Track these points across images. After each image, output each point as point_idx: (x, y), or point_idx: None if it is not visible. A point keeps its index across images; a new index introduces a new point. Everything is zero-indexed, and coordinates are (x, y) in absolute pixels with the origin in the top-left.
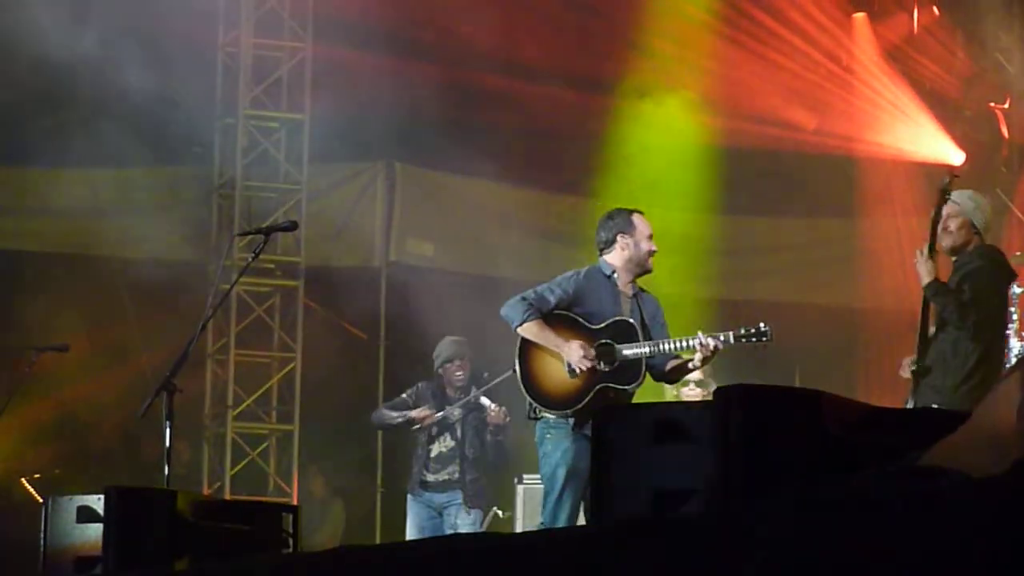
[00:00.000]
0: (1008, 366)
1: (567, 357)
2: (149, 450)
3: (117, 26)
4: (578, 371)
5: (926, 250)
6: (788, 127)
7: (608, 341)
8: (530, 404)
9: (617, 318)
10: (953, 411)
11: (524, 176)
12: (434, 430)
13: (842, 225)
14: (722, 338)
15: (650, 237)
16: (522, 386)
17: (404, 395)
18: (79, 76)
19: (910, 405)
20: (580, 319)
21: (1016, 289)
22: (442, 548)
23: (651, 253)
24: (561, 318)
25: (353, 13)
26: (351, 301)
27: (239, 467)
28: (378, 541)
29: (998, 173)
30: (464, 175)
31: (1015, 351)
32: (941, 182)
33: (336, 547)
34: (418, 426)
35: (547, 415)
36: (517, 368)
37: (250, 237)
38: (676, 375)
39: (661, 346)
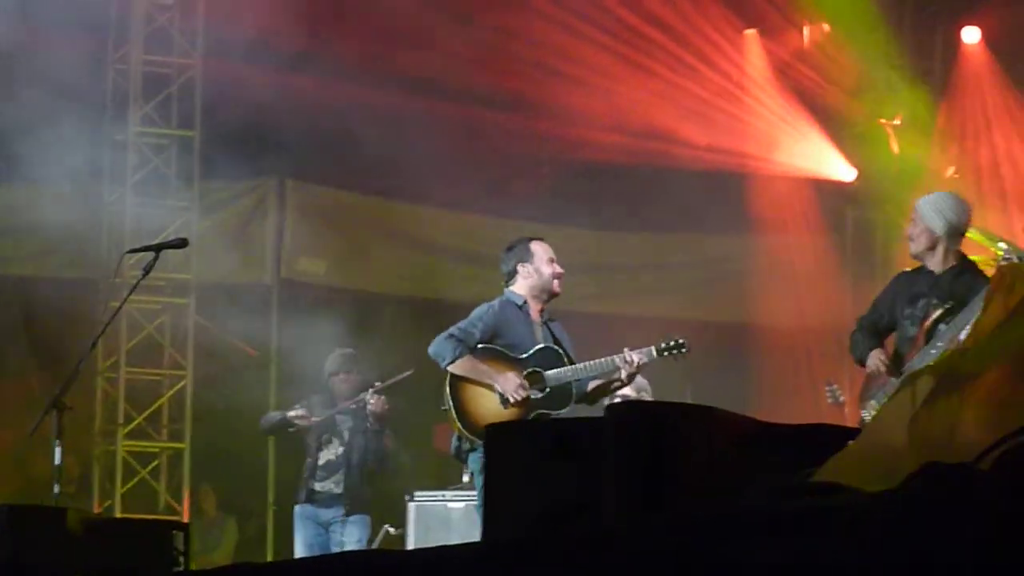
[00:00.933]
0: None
1: (502, 388)
2: (38, 468)
3: (4, 40)
4: (512, 400)
5: None
6: (679, 143)
7: (537, 368)
8: (459, 442)
9: (541, 346)
10: (844, 427)
11: (414, 193)
12: (324, 437)
13: (734, 242)
14: (644, 353)
15: (551, 260)
16: (457, 422)
17: (297, 405)
18: None
19: None
20: (504, 350)
21: None
22: (337, 565)
23: (556, 275)
24: (487, 351)
25: (243, 30)
26: (242, 318)
27: (129, 485)
28: (270, 558)
29: (888, 190)
30: (355, 192)
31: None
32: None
33: (228, 565)
34: (299, 423)
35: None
36: (450, 404)
37: (140, 254)
38: (600, 394)
39: (587, 367)
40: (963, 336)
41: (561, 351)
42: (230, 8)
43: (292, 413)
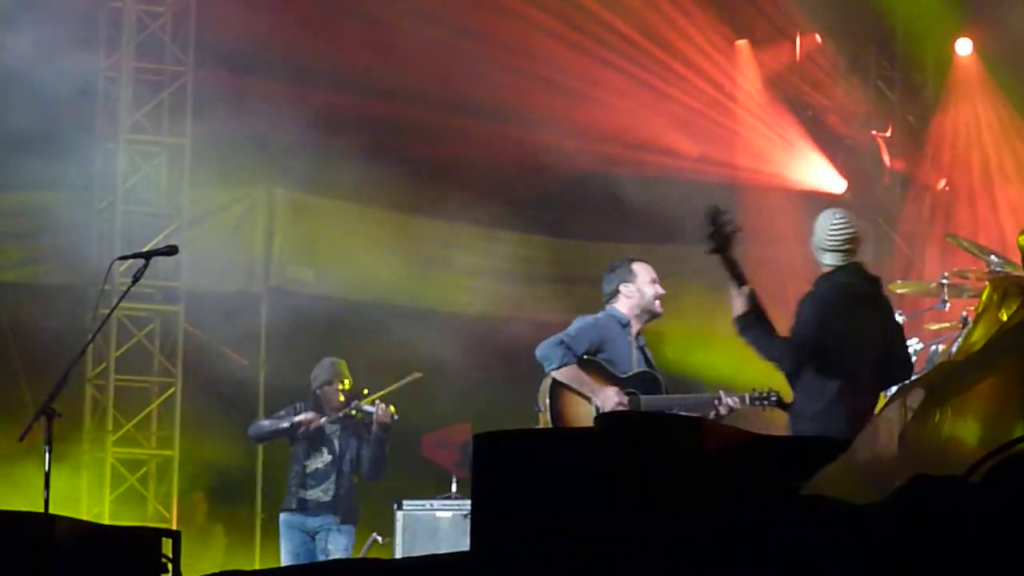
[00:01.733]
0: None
1: (601, 402)
2: (27, 475)
3: None
4: None
5: (733, 286)
6: (670, 155)
7: (634, 391)
8: None
9: (642, 370)
10: (834, 439)
11: (404, 202)
12: (312, 445)
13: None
14: (737, 398)
15: (653, 281)
16: (550, 426)
17: (282, 412)
18: None
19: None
20: (605, 365)
21: (898, 317)
22: (328, 573)
23: (658, 296)
24: (590, 363)
25: (235, 38)
26: (231, 326)
27: (118, 492)
28: (257, 566)
29: (880, 201)
30: (344, 201)
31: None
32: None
33: (216, 573)
34: (301, 429)
35: None
36: (547, 407)
37: (130, 262)
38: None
39: (683, 400)
40: (954, 349)
41: (658, 377)
42: (222, 16)
43: (300, 417)
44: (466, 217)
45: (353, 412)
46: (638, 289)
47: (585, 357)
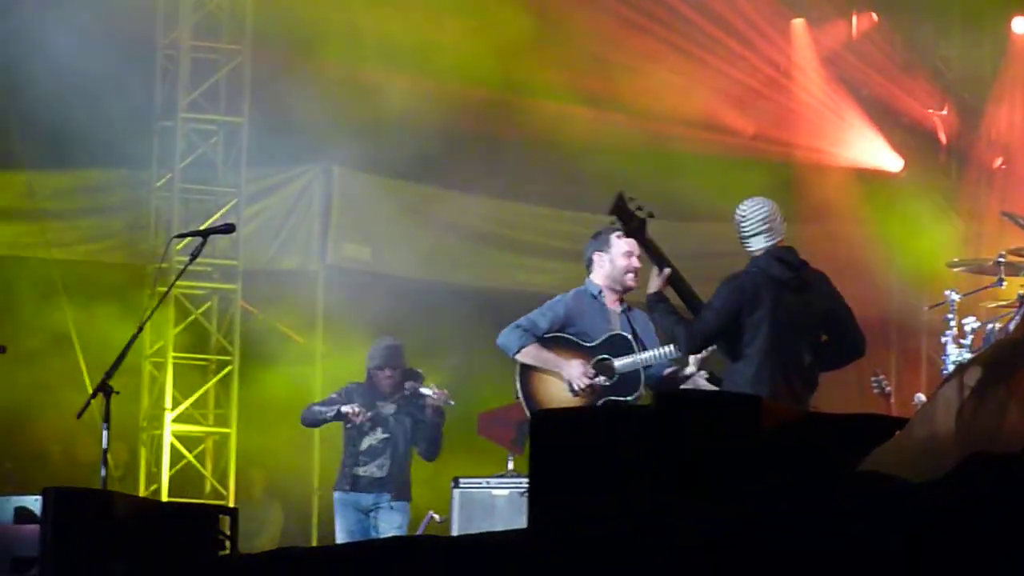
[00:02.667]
0: (946, 372)
1: (568, 375)
2: (86, 452)
3: (55, 26)
4: (578, 388)
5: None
6: (727, 132)
7: (605, 356)
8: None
9: (611, 333)
10: (890, 417)
11: (461, 181)
12: (366, 426)
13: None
14: (695, 366)
15: (629, 254)
16: (527, 410)
17: (334, 394)
18: (18, 77)
19: None
20: (573, 339)
21: (955, 295)
22: (383, 550)
23: (630, 269)
24: (555, 340)
25: (291, 17)
26: (288, 304)
27: (176, 469)
28: (314, 543)
29: (936, 180)
30: (401, 179)
31: (952, 358)
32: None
33: (274, 549)
34: (350, 424)
35: None
36: (520, 395)
37: (188, 240)
38: (673, 382)
39: (654, 356)
40: (1011, 327)
41: (631, 339)
42: None
43: (346, 409)
44: (522, 195)
45: (407, 394)
46: (610, 260)
47: (550, 335)
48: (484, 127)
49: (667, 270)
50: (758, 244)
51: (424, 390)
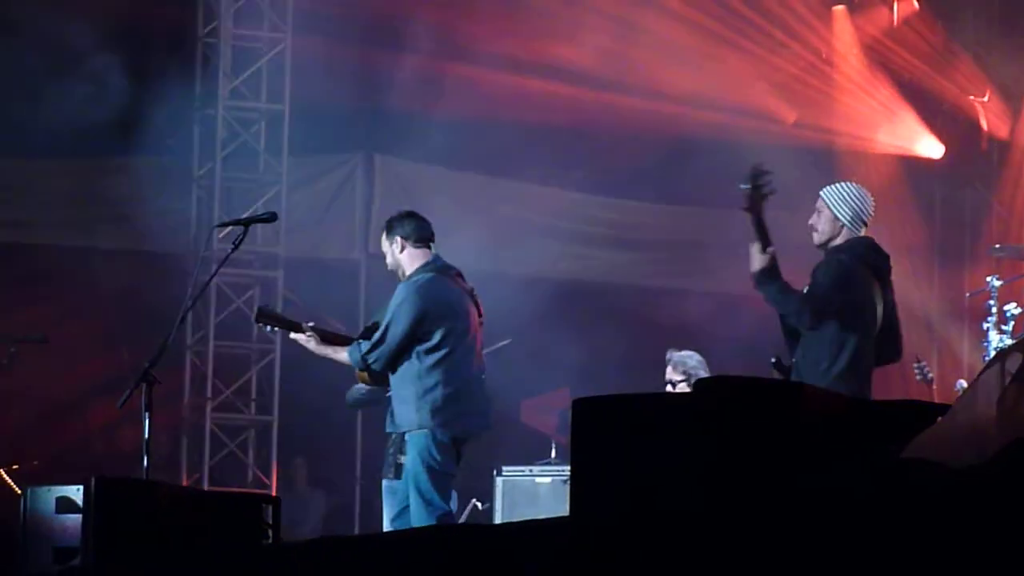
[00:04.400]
0: (988, 359)
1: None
2: (127, 442)
3: (95, 14)
4: None
5: (757, 245)
6: (768, 119)
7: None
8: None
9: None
10: (933, 403)
11: (502, 168)
12: None
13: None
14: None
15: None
16: None
17: None
18: (55, 65)
19: None
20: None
21: (996, 282)
22: (425, 538)
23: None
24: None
25: (333, 4)
26: (331, 292)
27: (218, 458)
28: (357, 532)
29: (977, 166)
30: (443, 167)
31: (994, 344)
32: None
33: (316, 538)
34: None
35: None
36: None
37: (229, 228)
38: None
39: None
40: None
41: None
42: None
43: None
44: (565, 183)
45: None
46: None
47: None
48: (525, 115)
49: (771, 249)
50: (852, 231)
51: None
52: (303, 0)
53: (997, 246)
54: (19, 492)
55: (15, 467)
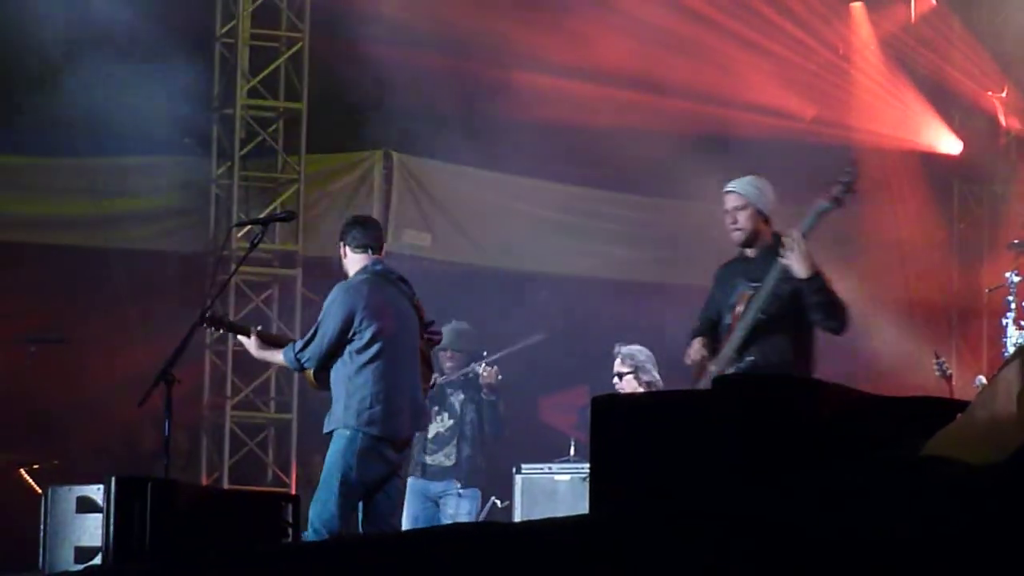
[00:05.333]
0: (1007, 355)
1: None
2: (147, 441)
3: (114, 15)
4: None
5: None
6: (785, 116)
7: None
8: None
9: None
10: (951, 400)
11: (521, 166)
12: (433, 410)
13: (839, 215)
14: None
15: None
16: None
17: None
18: (74, 65)
19: None
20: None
21: (1015, 277)
22: (445, 537)
23: None
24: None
25: (350, 3)
26: None
27: (237, 457)
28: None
29: (995, 162)
30: (461, 165)
31: (1013, 340)
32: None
33: (336, 537)
34: None
35: None
36: None
37: (248, 227)
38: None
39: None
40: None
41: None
42: None
43: None
44: (581, 180)
45: (469, 376)
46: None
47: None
48: (544, 113)
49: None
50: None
51: (476, 368)
52: None
53: (1016, 241)
54: (40, 492)
55: (36, 467)
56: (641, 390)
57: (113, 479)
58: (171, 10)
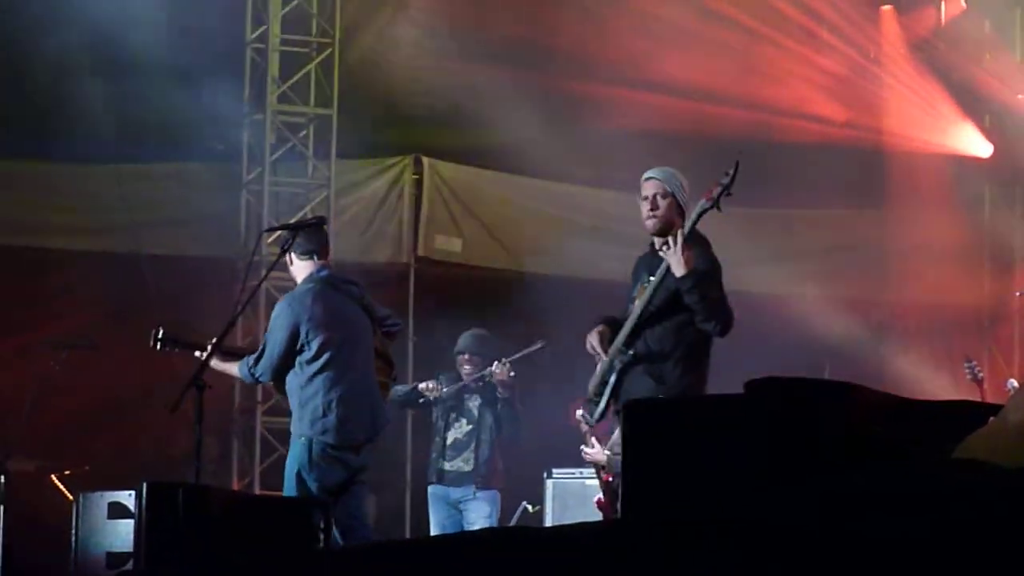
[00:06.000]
0: None
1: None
2: (178, 446)
3: (144, 20)
4: None
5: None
6: (817, 120)
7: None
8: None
9: None
10: (984, 403)
11: (552, 170)
12: (451, 416)
13: (870, 218)
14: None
15: None
16: None
17: (421, 384)
18: (108, 69)
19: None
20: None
21: None
22: (473, 542)
23: None
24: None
25: (380, 7)
26: (379, 297)
27: (268, 462)
28: (407, 535)
29: None
30: (492, 169)
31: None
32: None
33: (367, 543)
34: (428, 394)
35: None
36: None
37: (278, 233)
38: None
39: None
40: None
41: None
42: None
43: (422, 385)
44: (613, 183)
45: (487, 380)
46: None
47: None
48: (574, 115)
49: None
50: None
51: (491, 368)
52: (349, 4)
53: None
54: (71, 498)
55: (67, 473)
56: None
57: (144, 485)
58: (202, 16)
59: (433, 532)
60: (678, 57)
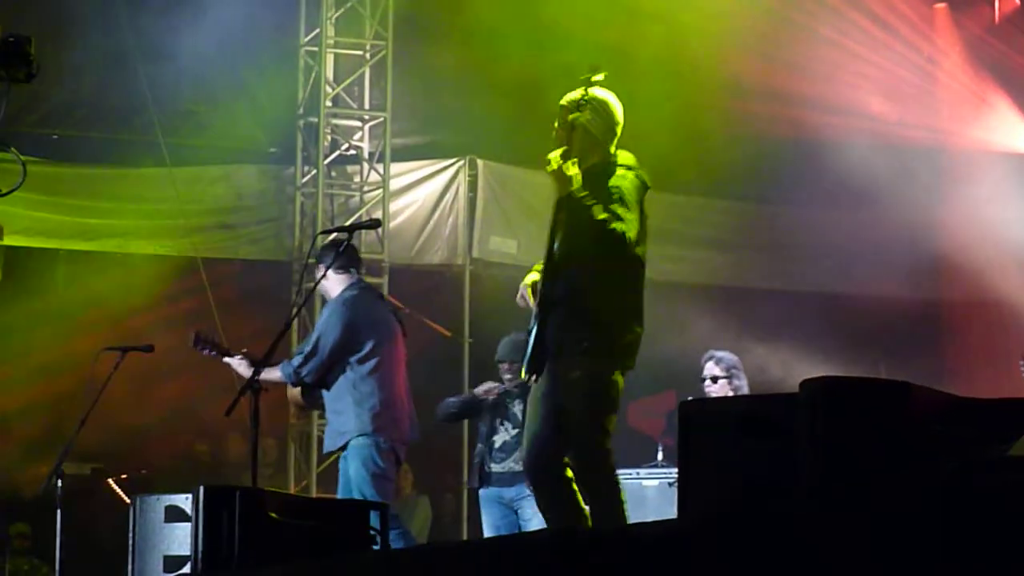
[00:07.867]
0: None
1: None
2: (235, 449)
3: (199, 25)
4: None
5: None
6: (870, 118)
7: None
8: None
9: None
10: None
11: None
12: (496, 421)
13: (928, 217)
14: None
15: None
16: None
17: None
18: (163, 74)
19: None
20: None
21: None
22: (528, 544)
23: None
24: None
25: (432, 9)
26: (435, 298)
27: (325, 465)
28: (464, 538)
29: None
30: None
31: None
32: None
33: (423, 544)
34: (482, 399)
35: None
36: None
37: (333, 235)
38: None
39: None
40: None
41: None
42: None
43: (479, 389)
44: (667, 184)
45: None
46: None
47: None
48: (626, 115)
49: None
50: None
51: None
52: (403, 7)
53: None
54: (128, 501)
55: (123, 477)
56: (731, 395)
57: (201, 488)
58: (255, 18)
59: (487, 534)
60: (737, 58)
